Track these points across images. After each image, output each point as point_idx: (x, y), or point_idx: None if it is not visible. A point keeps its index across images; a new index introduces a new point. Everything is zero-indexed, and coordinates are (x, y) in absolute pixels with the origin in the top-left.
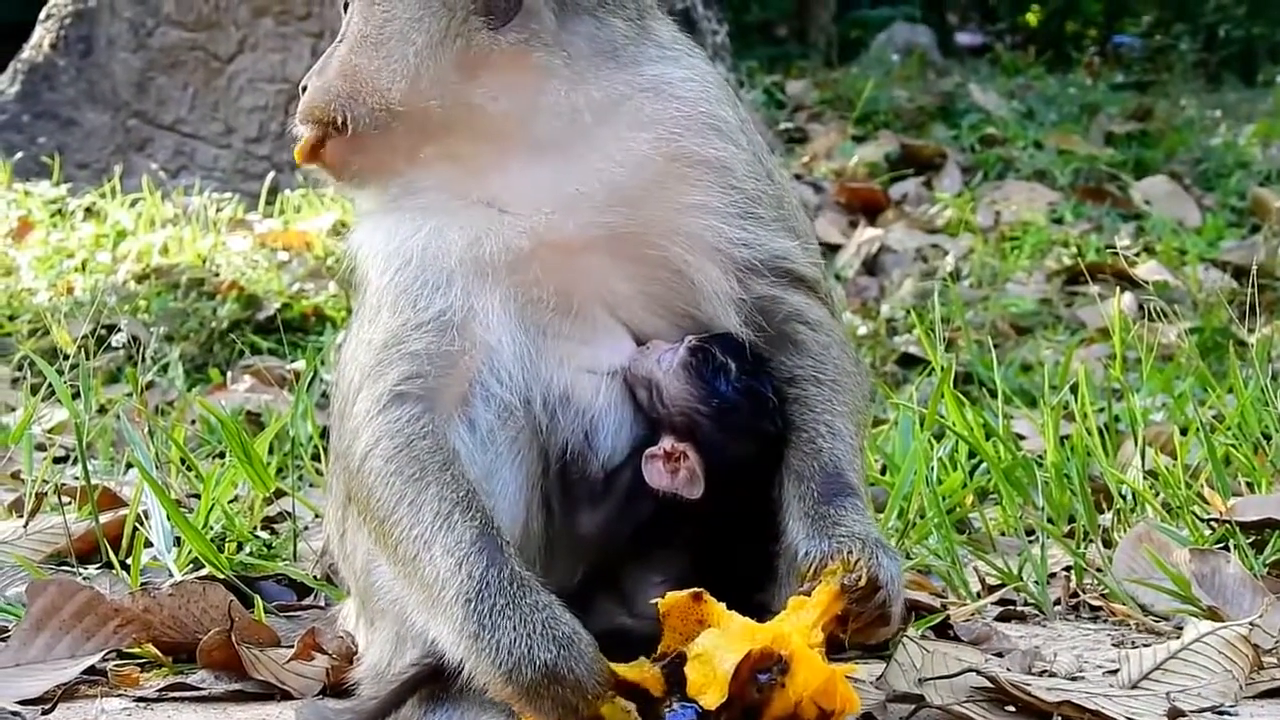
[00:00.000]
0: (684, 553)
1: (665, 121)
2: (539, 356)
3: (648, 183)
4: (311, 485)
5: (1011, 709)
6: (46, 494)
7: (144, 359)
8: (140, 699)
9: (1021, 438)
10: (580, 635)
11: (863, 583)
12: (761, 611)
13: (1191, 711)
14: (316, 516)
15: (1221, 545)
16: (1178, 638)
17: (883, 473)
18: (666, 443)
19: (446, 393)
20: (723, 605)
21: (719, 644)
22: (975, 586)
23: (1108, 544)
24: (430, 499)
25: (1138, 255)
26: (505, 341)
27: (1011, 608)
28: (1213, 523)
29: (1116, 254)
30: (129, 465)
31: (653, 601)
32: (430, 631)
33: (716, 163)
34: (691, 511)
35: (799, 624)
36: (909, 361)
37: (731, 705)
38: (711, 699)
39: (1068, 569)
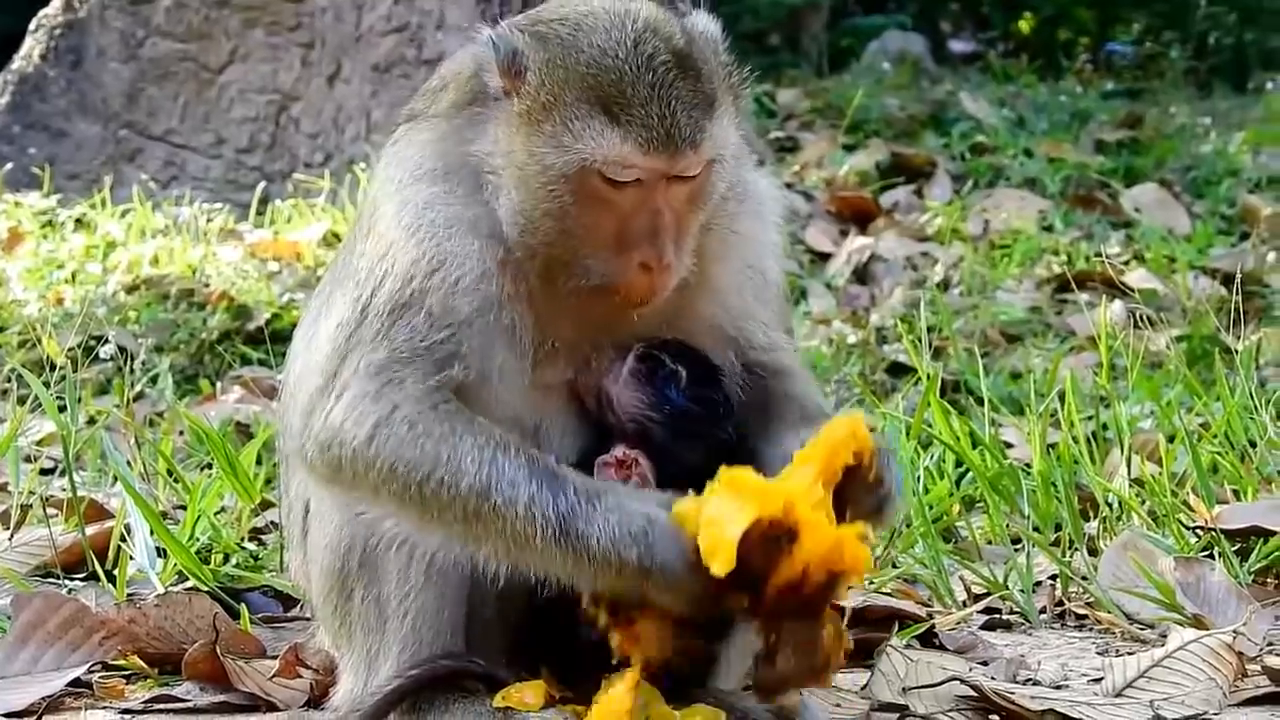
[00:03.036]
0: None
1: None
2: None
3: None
4: None
5: (996, 718)
6: (32, 506)
7: (133, 370)
8: (126, 711)
9: (1009, 446)
10: (655, 520)
11: (866, 448)
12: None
13: (1175, 719)
14: None
15: (1207, 553)
16: (1162, 646)
17: None
18: (619, 450)
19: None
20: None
21: (728, 509)
22: (961, 595)
23: (1093, 552)
24: (469, 448)
25: (1127, 263)
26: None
27: (997, 616)
28: (1198, 531)
29: (1106, 262)
30: (116, 477)
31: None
32: (518, 565)
33: (770, 277)
34: None
35: (802, 483)
36: (898, 370)
37: (741, 570)
38: (720, 565)
39: (1053, 577)
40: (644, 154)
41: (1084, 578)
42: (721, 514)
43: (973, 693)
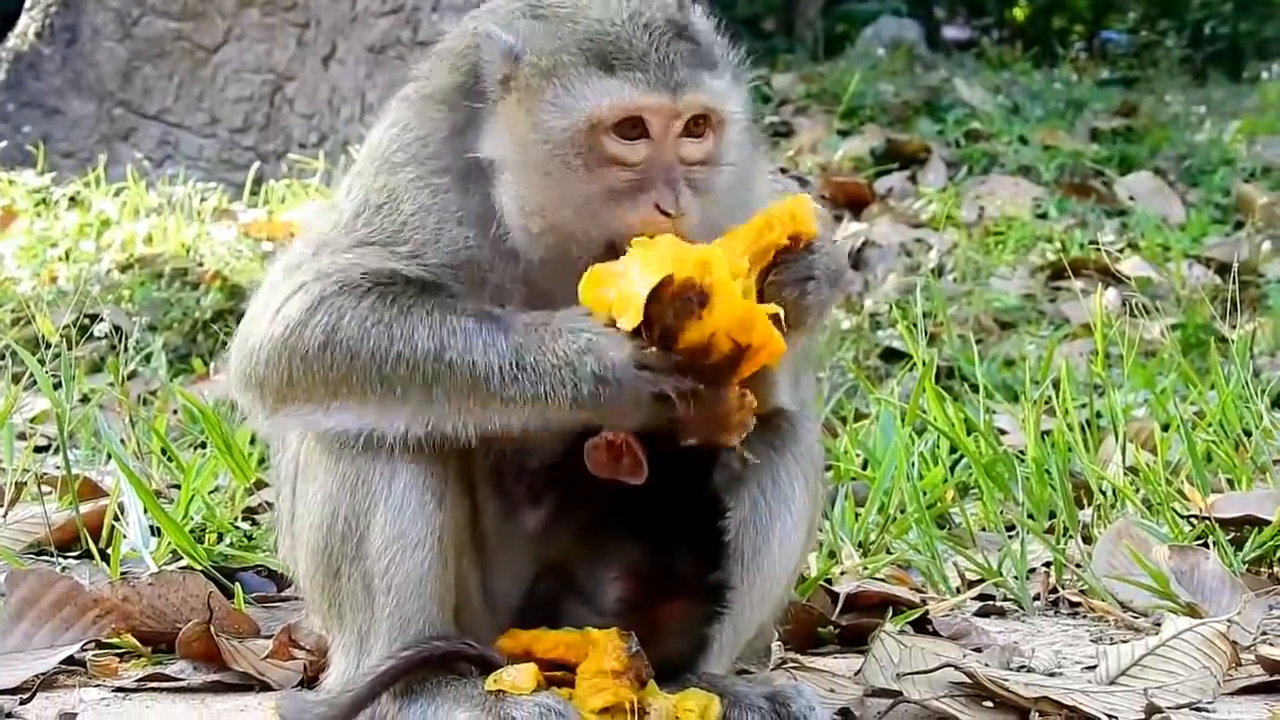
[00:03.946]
0: (635, 543)
1: None
2: None
3: None
4: None
5: (989, 704)
6: (27, 483)
7: (127, 348)
8: (119, 689)
9: (1003, 433)
10: (596, 336)
11: (805, 231)
12: (721, 589)
13: (1169, 708)
14: None
15: (1201, 542)
16: (1156, 634)
17: (864, 467)
18: (608, 431)
19: None
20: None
21: (641, 265)
22: (955, 582)
23: (1087, 540)
24: (420, 317)
25: (1121, 251)
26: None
27: (991, 603)
28: (1192, 519)
29: (1100, 250)
30: (110, 455)
31: None
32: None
33: None
34: (636, 500)
35: (725, 250)
36: (892, 356)
37: (648, 327)
38: (627, 321)
39: (1047, 564)
40: (645, 93)
41: (1078, 565)
42: (634, 269)
43: (966, 679)
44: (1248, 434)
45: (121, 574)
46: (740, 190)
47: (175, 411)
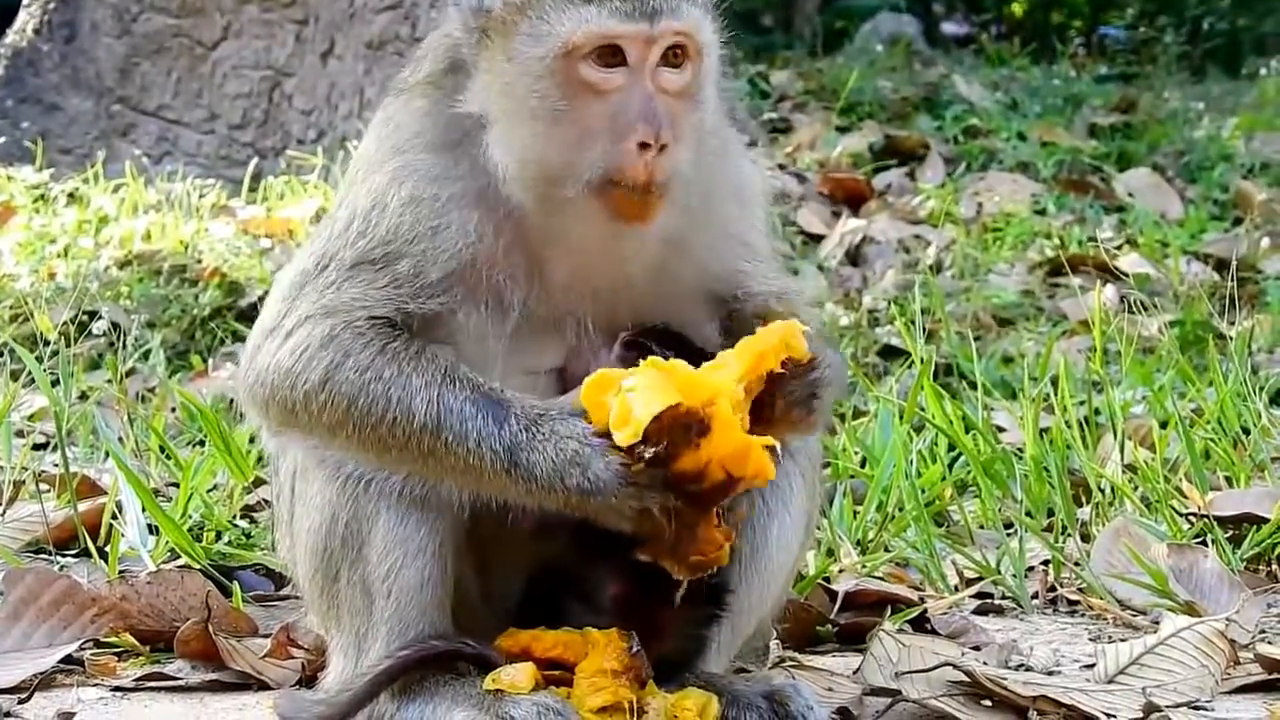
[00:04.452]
0: (634, 543)
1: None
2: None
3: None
4: None
5: (988, 703)
6: (25, 481)
7: (125, 345)
8: (117, 688)
9: (1001, 430)
10: (585, 446)
11: (798, 357)
12: (719, 591)
13: (1168, 706)
14: None
15: (1199, 540)
16: (1155, 632)
17: (862, 465)
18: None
19: None
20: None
21: (650, 388)
22: (953, 580)
23: (1086, 538)
24: (419, 388)
25: (1120, 248)
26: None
27: (989, 601)
28: (1191, 517)
29: (1099, 246)
30: (108, 453)
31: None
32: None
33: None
34: None
35: (726, 380)
36: (890, 353)
37: (644, 444)
38: (624, 438)
39: (1046, 563)
40: (621, 20)
41: (1076, 563)
42: (642, 389)
43: (965, 678)
44: (1246, 431)
45: (120, 573)
46: (719, 165)
47: (174, 409)
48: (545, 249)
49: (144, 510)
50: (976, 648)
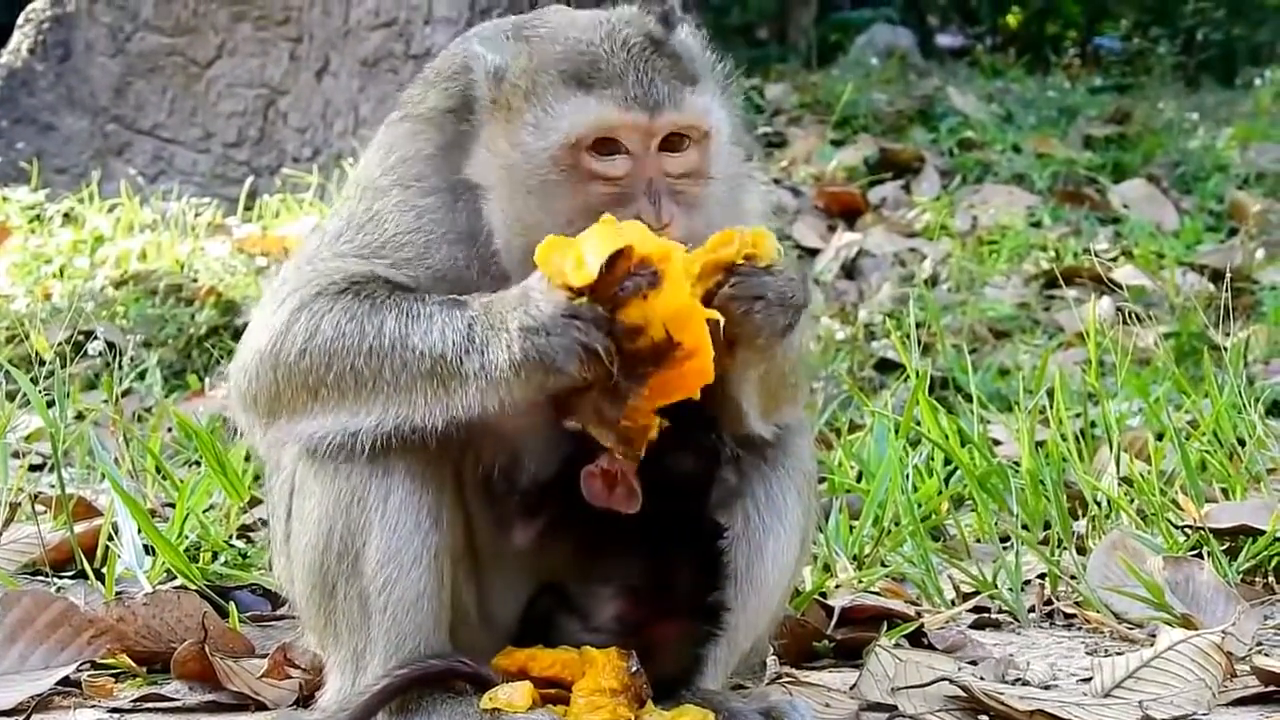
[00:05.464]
0: (631, 561)
1: None
2: None
3: None
4: None
5: (985, 718)
6: (21, 503)
7: (121, 365)
8: (114, 710)
9: (997, 443)
10: (532, 291)
11: (763, 256)
12: (717, 610)
13: (1164, 719)
14: None
15: (1195, 552)
16: (1151, 645)
17: (858, 480)
18: (604, 460)
19: None
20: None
21: (602, 236)
22: (950, 594)
23: (1082, 551)
24: (389, 309)
25: (1115, 259)
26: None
27: (986, 615)
28: (1187, 530)
29: (1094, 258)
30: (104, 474)
31: None
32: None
33: None
34: (633, 519)
35: (687, 254)
36: (886, 367)
37: (594, 292)
38: (576, 279)
39: (1042, 576)
40: (621, 111)
41: (1073, 577)
42: (601, 234)
43: (962, 693)
44: (1242, 443)
45: (116, 594)
46: (730, 204)
47: (170, 429)
48: None
49: (140, 531)
50: (973, 662)
